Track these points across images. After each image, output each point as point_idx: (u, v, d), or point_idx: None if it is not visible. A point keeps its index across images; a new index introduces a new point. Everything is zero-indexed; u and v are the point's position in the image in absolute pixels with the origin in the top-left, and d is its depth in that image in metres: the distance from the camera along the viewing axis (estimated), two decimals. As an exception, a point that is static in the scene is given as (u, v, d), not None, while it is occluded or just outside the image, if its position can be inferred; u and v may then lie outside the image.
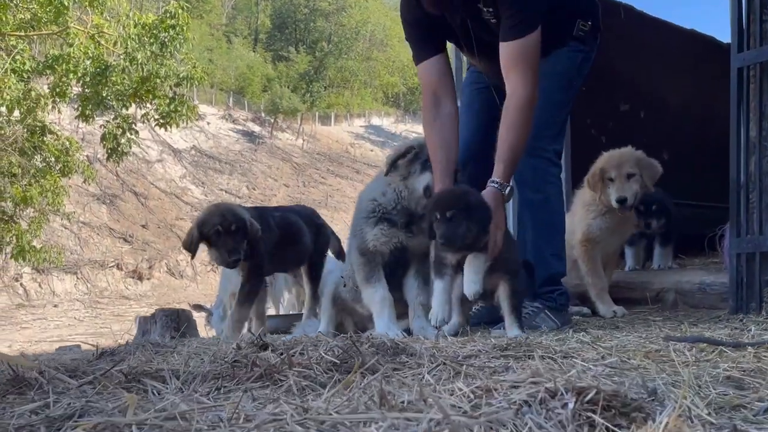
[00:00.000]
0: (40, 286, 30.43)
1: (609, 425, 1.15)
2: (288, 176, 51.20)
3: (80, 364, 2.11)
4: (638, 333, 2.74)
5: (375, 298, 3.57)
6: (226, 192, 44.89)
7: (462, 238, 3.03)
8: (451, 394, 1.37)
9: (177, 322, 4.63)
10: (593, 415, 1.17)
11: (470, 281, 3.05)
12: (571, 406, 1.18)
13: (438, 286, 3.24)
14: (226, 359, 1.91)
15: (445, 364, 1.77)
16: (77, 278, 31.59)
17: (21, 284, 30.05)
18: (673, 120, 6.55)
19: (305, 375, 1.66)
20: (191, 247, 4.06)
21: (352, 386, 1.51)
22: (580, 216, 4.03)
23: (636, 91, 6.28)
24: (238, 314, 4.22)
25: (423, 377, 1.62)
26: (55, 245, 18.37)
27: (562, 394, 1.22)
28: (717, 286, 4.14)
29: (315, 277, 4.78)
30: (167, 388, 1.64)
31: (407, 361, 1.86)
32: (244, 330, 4.28)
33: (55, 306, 28.78)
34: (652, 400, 1.34)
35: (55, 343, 15.47)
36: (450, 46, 4.31)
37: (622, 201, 4.22)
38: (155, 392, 1.60)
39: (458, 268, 3.20)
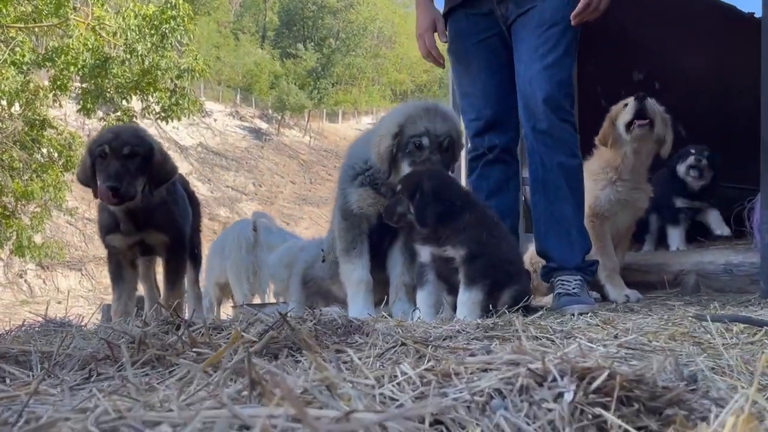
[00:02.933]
0: (44, 282, 30.24)
1: (630, 428, 0.70)
2: (295, 173, 50.80)
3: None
4: (657, 315, 2.29)
5: (352, 277, 3.18)
6: (232, 189, 44.55)
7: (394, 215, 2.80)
8: (392, 381, 0.93)
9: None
10: (604, 412, 0.72)
11: (471, 314, 2.63)
12: (569, 396, 0.73)
13: (420, 296, 2.86)
14: (121, 340, 1.49)
15: (404, 344, 1.34)
16: (81, 274, 31.33)
17: (25, 281, 29.85)
18: (690, 92, 6.05)
19: (204, 357, 1.24)
20: (86, 176, 3.24)
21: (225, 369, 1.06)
22: (587, 187, 3.59)
23: (651, 60, 5.82)
24: (167, 299, 3.46)
25: (368, 360, 1.19)
26: (59, 241, 18.08)
27: (555, 379, 0.77)
28: (745, 266, 3.71)
29: (197, 256, 4.13)
30: (27, 376, 1.22)
31: (360, 342, 1.43)
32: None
33: (59, 302, 28.51)
34: (693, 390, 0.89)
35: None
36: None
37: (641, 110, 3.91)
38: (7, 381, 1.18)
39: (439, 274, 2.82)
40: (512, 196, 3.71)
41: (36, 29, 15.83)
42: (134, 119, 16.06)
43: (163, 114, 16.05)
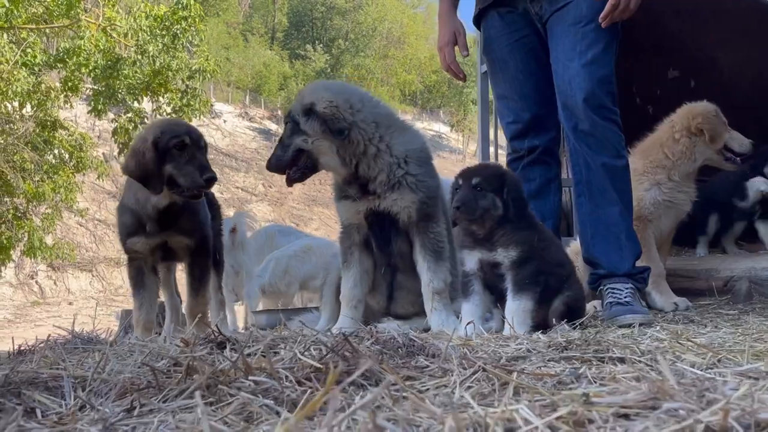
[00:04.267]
0: (55, 283, 30.22)
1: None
2: (305, 174, 50.65)
3: (-30, 368, 1.56)
4: (727, 328, 2.12)
5: (343, 290, 3.11)
6: (242, 190, 44.45)
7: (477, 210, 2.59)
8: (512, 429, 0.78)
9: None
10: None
11: (521, 325, 2.46)
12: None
13: (466, 308, 2.69)
14: (162, 362, 1.34)
15: (484, 369, 1.18)
16: (92, 275, 31.30)
17: (36, 281, 29.85)
18: (726, 90, 5.81)
19: (266, 388, 1.09)
20: (146, 170, 2.99)
21: (326, 413, 0.91)
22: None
23: (686, 57, 5.63)
24: (192, 308, 3.30)
25: (454, 392, 1.04)
26: (69, 242, 18.04)
27: None
28: (804, 272, 3.52)
29: (219, 261, 3.94)
30: (60, 406, 1.08)
31: (427, 366, 1.28)
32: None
33: (70, 303, 28.50)
34: None
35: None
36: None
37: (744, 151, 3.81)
38: (37, 413, 1.03)
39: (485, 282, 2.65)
40: (554, 198, 3.56)
41: (47, 30, 15.79)
42: (145, 120, 16.01)
43: (174, 115, 15.98)
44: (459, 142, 64.74)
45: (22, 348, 1.88)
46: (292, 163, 3.07)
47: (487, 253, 2.59)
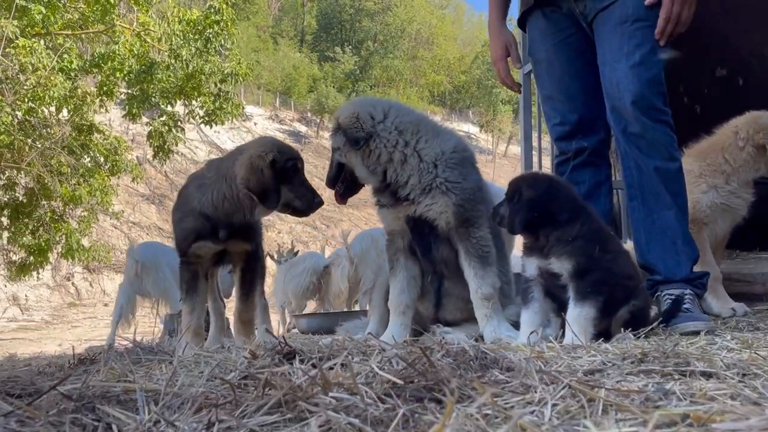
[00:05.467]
0: (90, 285, 30.65)
1: None
2: (335, 176, 50.83)
3: (35, 378, 1.55)
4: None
5: (391, 297, 3.09)
6: (273, 192, 44.67)
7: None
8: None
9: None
10: None
11: (582, 333, 2.40)
12: None
13: (525, 315, 2.63)
14: (231, 375, 1.32)
15: (570, 386, 1.14)
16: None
17: (72, 283, 30.31)
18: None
19: (347, 406, 1.05)
20: (269, 188, 3.12)
21: None
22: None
23: (734, 55, 5.48)
24: (241, 312, 3.32)
25: (543, 411, 1.00)
26: (105, 244, 18.27)
27: None
28: None
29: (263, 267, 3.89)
30: (135, 421, 1.06)
31: (506, 381, 1.24)
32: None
33: (106, 305, 28.86)
34: None
35: (103, 341, 15.31)
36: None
37: None
38: (113, 429, 1.01)
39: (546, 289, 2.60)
40: (604, 201, 3.47)
41: (83, 36, 16.02)
42: (179, 123, 16.16)
43: (207, 118, 16.11)
44: (488, 143, 64.40)
45: (82, 357, 1.87)
46: (336, 179, 3.15)
47: (543, 261, 2.54)
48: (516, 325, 2.90)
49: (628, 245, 3.56)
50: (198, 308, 3.24)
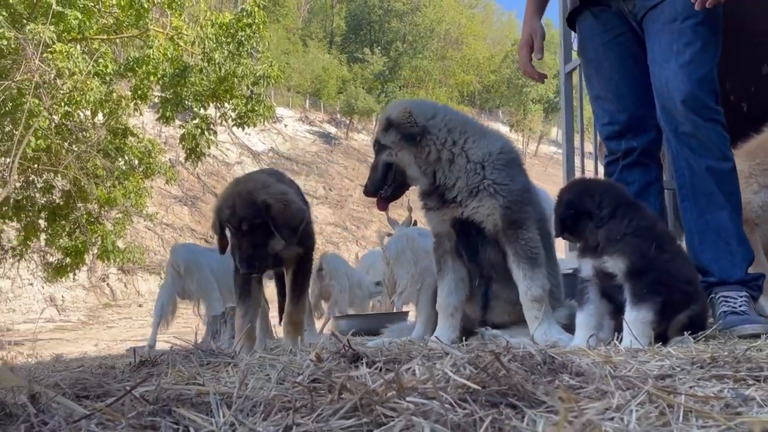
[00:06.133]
0: (125, 286, 31.06)
1: None
2: (364, 176, 50.18)
3: (103, 379, 1.57)
4: None
5: (439, 299, 3.05)
6: (303, 193, 44.94)
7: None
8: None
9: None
10: None
11: (640, 336, 2.35)
12: None
13: (580, 317, 2.58)
14: (300, 378, 1.32)
15: (649, 393, 1.12)
16: (160, 278, 32.05)
17: (108, 284, 30.73)
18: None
19: (425, 410, 1.05)
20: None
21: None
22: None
23: (781, 53, 5.37)
24: (291, 314, 3.31)
25: (623, 418, 0.98)
26: (139, 246, 18.51)
27: None
28: None
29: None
30: (211, 424, 1.06)
31: (580, 386, 1.22)
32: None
33: (140, 305, 29.25)
34: None
35: (139, 342, 15.52)
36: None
37: None
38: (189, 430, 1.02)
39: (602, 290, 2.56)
40: (654, 201, 3.40)
41: (117, 40, 16.24)
42: (211, 126, 16.30)
43: (239, 120, 16.24)
44: (519, 142, 64.01)
45: (144, 359, 1.89)
46: (383, 182, 3.09)
47: (597, 261, 2.52)
48: (566, 328, 2.87)
49: None
50: (251, 311, 3.25)
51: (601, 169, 4.98)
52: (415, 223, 9.16)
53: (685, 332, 2.34)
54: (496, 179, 2.96)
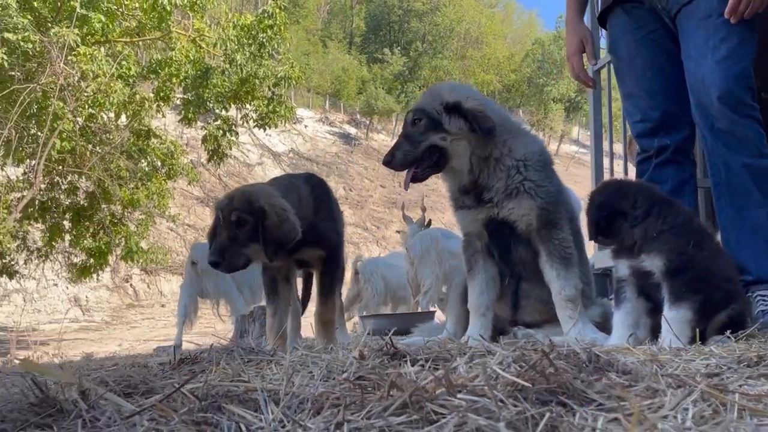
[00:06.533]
0: (148, 286, 31.30)
1: None
2: (384, 177, 50.92)
3: (147, 376, 1.58)
4: None
5: (469, 300, 3.00)
6: (323, 194, 45.04)
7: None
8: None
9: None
10: None
11: (679, 335, 2.32)
12: None
13: (617, 316, 2.55)
14: (345, 375, 1.32)
15: (702, 391, 1.10)
16: (182, 278, 32.19)
17: (131, 285, 30.96)
18: None
19: (477, 408, 1.04)
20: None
21: None
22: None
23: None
24: (321, 314, 3.26)
25: (677, 416, 0.97)
26: (161, 247, 18.64)
27: None
28: None
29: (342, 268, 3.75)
30: (261, 421, 1.07)
31: (629, 385, 1.21)
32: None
33: (163, 306, 29.46)
34: None
35: (162, 342, 15.64)
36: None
37: None
38: (242, 429, 1.03)
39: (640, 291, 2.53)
40: (689, 200, 3.36)
41: (140, 43, 16.39)
42: (233, 128, 16.39)
43: (260, 122, 16.31)
44: (539, 142, 63.61)
45: (183, 357, 1.91)
46: (420, 161, 2.94)
47: (634, 260, 2.49)
48: (599, 326, 2.86)
49: None
50: (280, 311, 3.25)
51: (630, 169, 4.93)
52: (429, 223, 9.16)
53: (726, 332, 2.31)
54: (536, 180, 2.93)
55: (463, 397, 1.07)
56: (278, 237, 2.91)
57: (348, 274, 8.64)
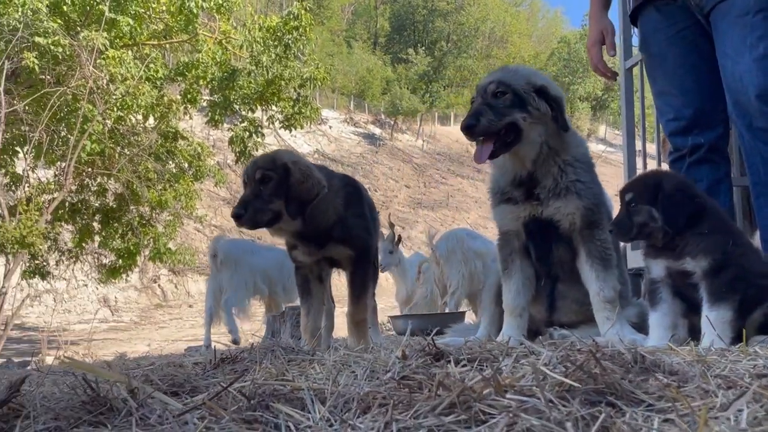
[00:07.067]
0: (176, 287, 31.57)
1: None
2: (409, 177, 50.92)
3: (191, 375, 1.59)
4: None
5: (504, 300, 2.95)
6: (348, 194, 45.14)
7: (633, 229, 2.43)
8: None
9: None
10: None
11: (721, 336, 2.28)
12: None
13: (653, 317, 2.51)
14: (390, 374, 1.32)
15: (754, 392, 1.09)
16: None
17: (159, 285, 31.27)
18: None
19: (527, 408, 1.04)
20: None
21: None
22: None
23: None
24: (353, 314, 3.29)
25: (739, 420, 0.96)
26: (189, 247, 18.80)
27: None
28: None
29: (375, 268, 3.79)
30: (309, 420, 1.07)
31: (679, 386, 1.20)
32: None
33: (190, 306, 29.68)
34: None
35: (189, 342, 15.78)
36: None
37: None
38: (291, 427, 1.03)
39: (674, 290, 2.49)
40: (724, 199, 3.30)
41: (167, 45, 16.55)
42: (259, 129, 16.48)
43: (286, 123, 16.38)
44: (565, 141, 63.11)
45: (223, 356, 1.92)
46: (496, 134, 2.80)
47: (673, 262, 2.45)
48: (636, 326, 2.83)
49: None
50: (313, 310, 3.28)
51: (663, 168, 4.88)
52: (399, 239, 9.12)
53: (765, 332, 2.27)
54: (585, 181, 2.91)
55: (512, 397, 1.07)
56: (302, 193, 2.96)
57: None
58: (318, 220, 3.13)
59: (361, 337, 3.20)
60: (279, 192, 2.95)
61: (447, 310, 6.93)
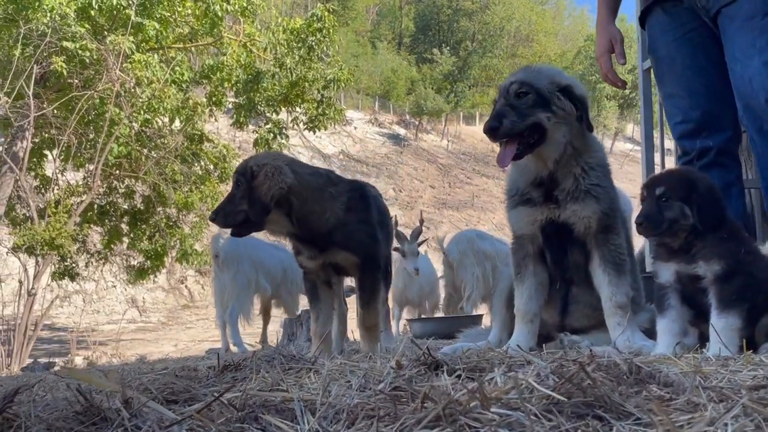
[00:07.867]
0: (202, 287, 31.84)
1: None
2: (434, 177, 50.85)
3: (190, 384, 1.61)
4: None
5: (516, 304, 2.92)
6: (374, 195, 45.21)
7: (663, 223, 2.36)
8: None
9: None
10: None
11: (728, 344, 2.24)
12: None
13: (661, 324, 2.47)
14: (381, 386, 1.32)
15: (744, 406, 1.07)
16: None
17: (186, 286, 31.58)
18: None
19: (510, 423, 1.03)
20: None
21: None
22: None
23: None
24: (363, 320, 3.29)
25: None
26: (214, 249, 18.90)
27: None
28: None
29: (388, 273, 3.82)
30: (295, 430, 1.08)
31: (670, 398, 1.18)
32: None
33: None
34: None
35: (216, 342, 15.91)
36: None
37: None
38: (277, 438, 1.04)
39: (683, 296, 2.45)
40: (736, 203, 3.26)
41: (192, 48, 16.70)
42: (284, 130, 16.57)
43: (310, 124, 16.45)
44: (592, 140, 62.51)
45: (227, 364, 1.94)
46: (520, 136, 2.79)
47: (685, 266, 2.41)
48: (647, 332, 2.80)
49: (766, 249, 3.35)
50: (323, 315, 3.32)
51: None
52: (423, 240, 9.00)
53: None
54: (604, 185, 2.90)
55: (497, 410, 1.06)
56: (260, 194, 3.06)
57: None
58: (311, 223, 3.20)
59: (372, 342, 3.21)
60: (245, 194, 3.09)
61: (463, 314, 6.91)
